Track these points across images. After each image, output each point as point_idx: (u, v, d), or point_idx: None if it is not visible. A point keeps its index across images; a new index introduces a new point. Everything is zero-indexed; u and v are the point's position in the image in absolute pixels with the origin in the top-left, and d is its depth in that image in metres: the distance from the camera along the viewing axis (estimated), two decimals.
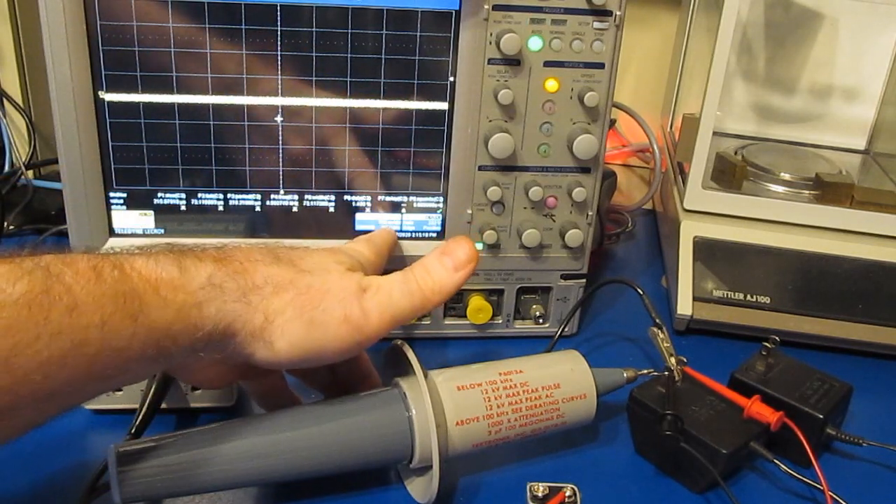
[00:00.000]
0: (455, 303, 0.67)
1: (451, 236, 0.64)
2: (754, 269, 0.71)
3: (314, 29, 0.57)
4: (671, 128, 0.91)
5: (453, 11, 0.58)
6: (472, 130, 0.61)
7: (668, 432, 0.52)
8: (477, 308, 0.66)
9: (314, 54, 0.58)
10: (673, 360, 0.57)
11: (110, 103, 0.58)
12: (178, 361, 0.43)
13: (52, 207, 0.80)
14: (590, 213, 0.64)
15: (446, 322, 0.68)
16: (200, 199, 0.62)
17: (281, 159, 0.61)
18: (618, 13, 0.59)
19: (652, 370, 0.58)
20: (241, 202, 0.62)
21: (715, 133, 0.73)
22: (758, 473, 0.55)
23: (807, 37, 0.92)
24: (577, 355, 0.55)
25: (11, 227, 0.79)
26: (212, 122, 0.59)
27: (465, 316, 0.67)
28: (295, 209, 0.63)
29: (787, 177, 0.78)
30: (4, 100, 0.86)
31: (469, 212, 0.63)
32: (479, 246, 0.64)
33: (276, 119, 0.60)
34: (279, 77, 0.59)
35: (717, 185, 0.76)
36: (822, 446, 0.57)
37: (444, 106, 0.61)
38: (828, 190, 0.76)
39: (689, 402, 0.55)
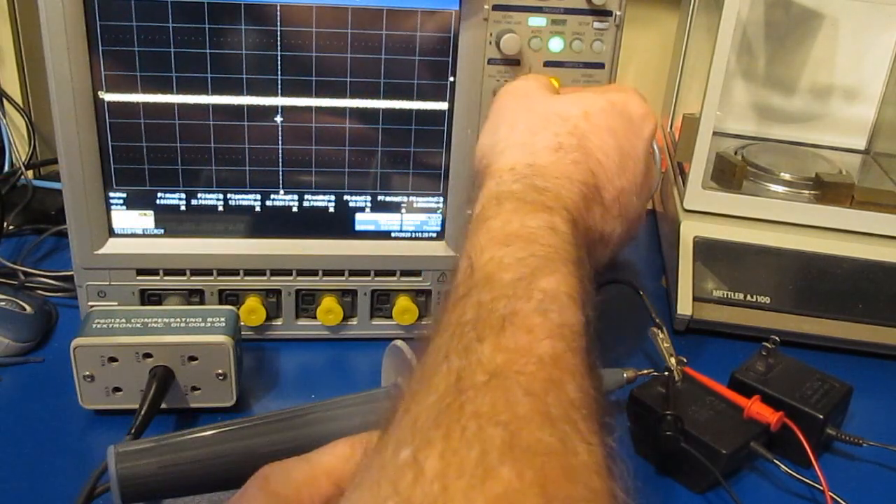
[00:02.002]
0: None
1: (451, 236, 0.64)
2: (754, 269, 0.71)
3: (314, 29, 0.57)
4: (671, 128, 0.91)
5: (453, 11, 0.58)
6: (472, 130, 0.60)
7: (668, 432, 0.52)
8: None
9: (314, 54, 0.58)
10: (673, 360, 0.57)
11: (110, 103, 0.58)
12: None
13: (52, 207, 0.80)
14: None
15: None
16: (200, 199, 0.62)
17: (281, 159, 0.61)
18: (618, 13, 0.59)
19: (652, 370, 0.58)
20: (241, 202, 0.62)
21: (715, 133, 0.73)
22: (758, 473, 0.55)
23: (807, 37, 0.92)
24: None
25: (11, 227, 0.79)
26: (212, 122, 0.59)
27: None
28: (295, 209, 0.63)
29: (787, 177, 0.78)
30: (4, 100, 0.86)
31: (469, 212, 0.63)
32: None
33: (276, 119, 0.60)
34: (279, 77, 0.58)
35: (717, 185, 0.76)
36: (822, 446, 0.57)
37: (444, 106, 0.61)
38: (828, 190, 0.76)
39: (689, 402, 0.55)
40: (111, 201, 0.61)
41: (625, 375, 0.57)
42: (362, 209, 0.64)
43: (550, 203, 0.41)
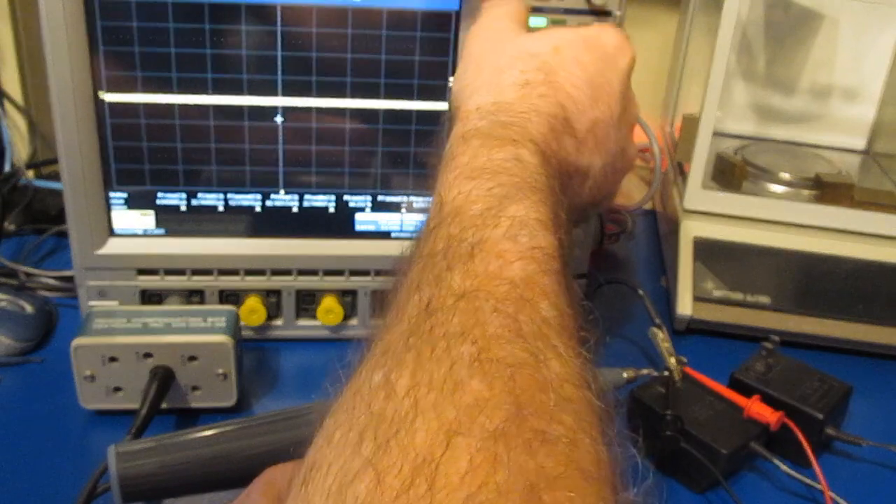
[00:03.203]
0: None
1: None
2: (754, 269, 0.71)
3: (314, 29, 0.57)
4: (671, 128, 0.91)
5: (453, 11, 0.58)
6: None
7: (668, 432, 0.52)
8: None
9: (314, 54, 0.58)
10: (673, 360, 0.57)
11: (110, 103, 0.58)
12: None
13: (52, 207, 0.80)
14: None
15: None
16: (200, 199, 0.62)
17: (281, 159, 0.61)
18: (618, 13, 0.59)
19: (652, 370, 0.58)
20: (241, 202, 0.62)
21: (715, 133, 0.73)
22: (758, 473, 0.55)
23: (807, 37, 0.92)
24: None
25: (11, 227, 0.79)
26: (212, 122, 0.59)
27: None
28: (295, 209, 0.63)
29: (787, 177, 0.78)
30: (4, 100, 0.86)
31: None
32: None
33: (276, 119, 0.60)
34: (279, 77, 0.59)
35: (717, 185, 0.76)
36: (822, 446, 0.57)
37: (444, 106, 0.61)
38: (828, 190, 0.76)
39: (689, 402, 0.55)
40: (111, 201, 0.61)
41: (625, 375, 0.57)
42: (362, 209, 0.64)
43: (516, 136, 0.42)
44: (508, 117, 0.43)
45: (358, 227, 0.64)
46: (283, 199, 0.62)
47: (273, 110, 0.59)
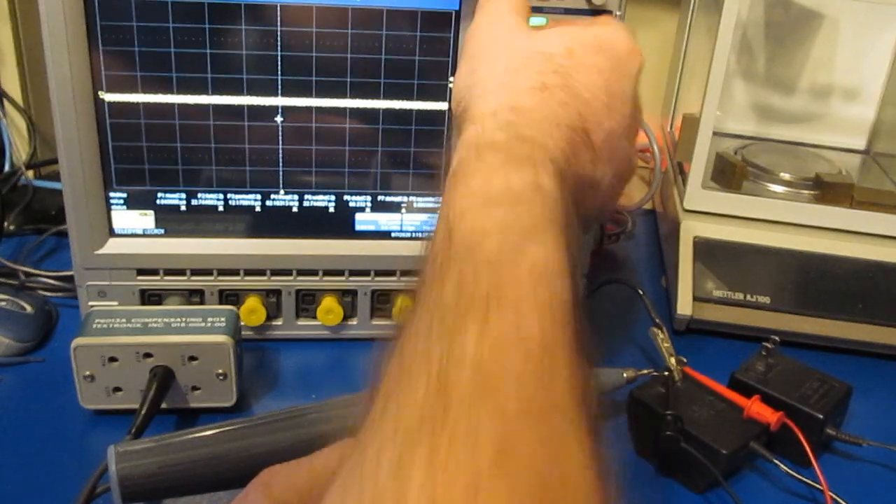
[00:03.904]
0: None
1: None
2: (754, 269, 0.71)
3: (314, 29, 0.57)
4: (671, 128, 0.91)
5: (453, 11, 0.58)
6: None
7: (668, 432, 0.52)
8: None
9: (314, 54, 0.58)
10: (673, 360, 0.57)
11: (110, 103, 0.58)
12: None
13: (52, 207, 0.80)
14: None
15: None
16: (200, 199, 0.62)
17: (281, 159, 0.61)
18: (618, 13, 0.59)
19: (652, 370, 0.58)
20: (241, 202, 0.62)
21: (715, 133, 0.73)
22: (758, 473, 0.55)
23: (807, 37, 0.92)
24: None
25: (11, 227, 0.79)
26: (212, 122, 0.59)
27: None
28: (295, 209, 0.63)
29: (787, 177, 0.78)
30: (4, 100, 0.86)
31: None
32: None
33: (276, 119, 0.60)
34: (279, 77, 0.59)
35: (717, 185, 0.76)
36: (822, 446, 0.57)
37: (444, 106, 0.61)
38: (828, 190, 0.76)
39: (689, 402, 0.55)
40: (111, 201, 0.61)
41: (625, 375, 0.57)
42: (362, 209, 0.64)
43: (536, 155, 0.39)
44: (528, 129, 0.40)
45: (358, 227, 0.64)
46: (282, 199, 0.62)
47: (273, 110, 0.59)
